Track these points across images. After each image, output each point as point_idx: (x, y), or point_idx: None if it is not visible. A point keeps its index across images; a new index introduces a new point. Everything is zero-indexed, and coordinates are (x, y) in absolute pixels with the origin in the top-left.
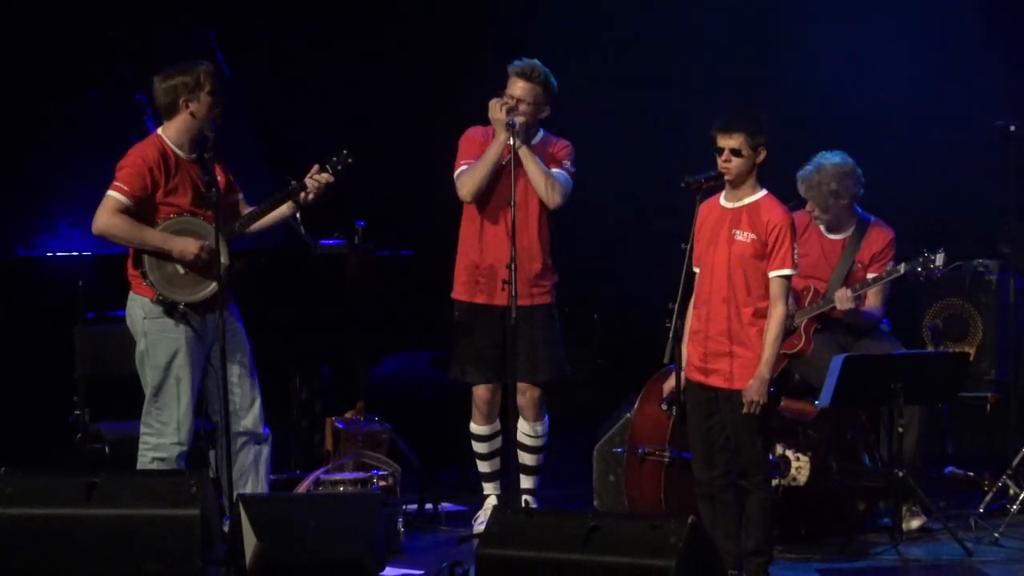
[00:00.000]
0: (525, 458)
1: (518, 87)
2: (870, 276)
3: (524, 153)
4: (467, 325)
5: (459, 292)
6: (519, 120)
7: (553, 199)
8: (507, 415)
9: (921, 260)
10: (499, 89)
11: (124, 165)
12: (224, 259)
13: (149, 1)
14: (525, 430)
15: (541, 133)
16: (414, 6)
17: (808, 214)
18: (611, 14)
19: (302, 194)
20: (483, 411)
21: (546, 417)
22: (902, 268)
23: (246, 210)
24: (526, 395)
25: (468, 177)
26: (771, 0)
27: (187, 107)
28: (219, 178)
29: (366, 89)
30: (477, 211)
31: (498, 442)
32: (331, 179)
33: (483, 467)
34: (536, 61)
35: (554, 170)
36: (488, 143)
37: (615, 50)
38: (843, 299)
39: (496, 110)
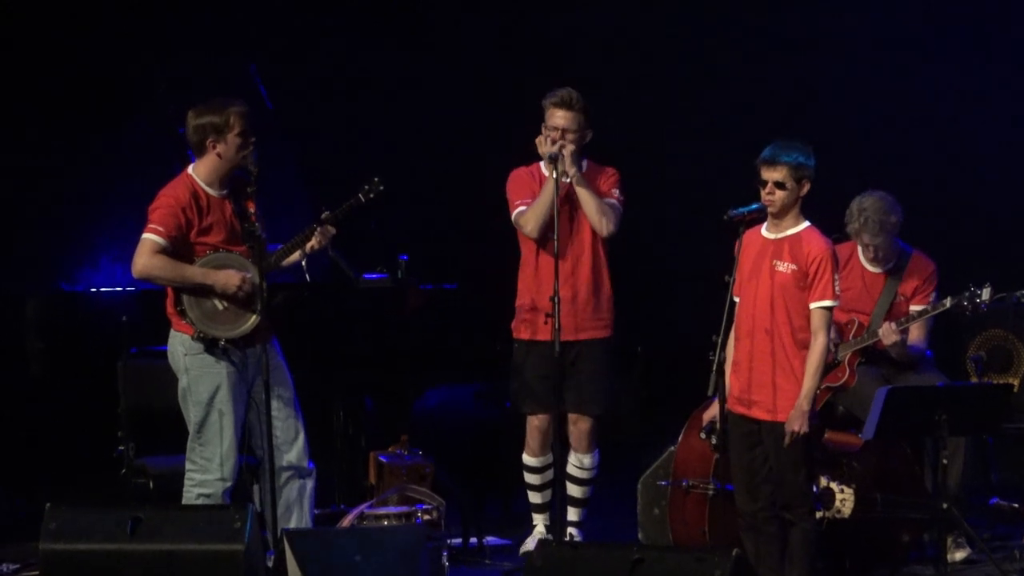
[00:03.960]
0: (573, 490)
1: (559, 117)
2: (915, 309)
3: (577, 183)
4: (525, 360)
5: (517, 329)
6: (566, 150)
7: (607, 228)
8: (558, 447)
9: (967, 295)
10: (540, 124)
11: (157, 207)
12: (263, 291)
13: (192, 33)
14: (575, 462)
15: (585, 162)
16: (461, 40)
17: (852, 245)
18: (657, 47)
19: (308, 244)
20: (536, 442)
21: (596, 450)
22: (947, 303)
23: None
24: (577, 426)
25: (531, 214)
26: (814, 33)
27: (214, 148)
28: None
29: (410, 122)
30: (532, 249)
31: (550, 474)
32: (333, 231)
33: (534, 498)
34: (570, 89)
35: (606, 200)
36: (534, 180)
37: (663, 82)
38: (888, 333)
39: (547, 144)
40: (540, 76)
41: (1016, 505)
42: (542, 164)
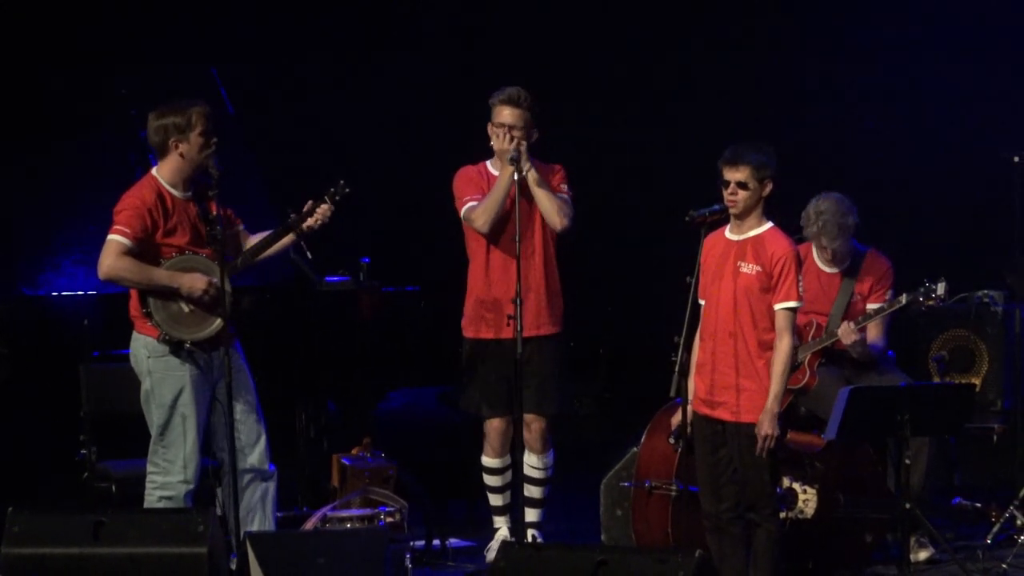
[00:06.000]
0: (531, 491)
1: (506, 114)
2: (871, 307)
3: (532, 180)
4: (477, 360)
5: (468, 328)
6: (521, 147)
7: (562, 223)
8: (516, 448)
9: (923, 290)
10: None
11: (122, 208)
12: (228, 294)
13: (154, 37)
14: (532, 463)
15: (530, 160)
16: (420, 42)
17: (808, 246)
18: (617, 50)
19: (303, 225)
20: (495, 444)
21: (552, 450)
22: (904, 299)
23: (248, 240)
24: (532, 427)
25: (482, 209)
26: (771, 35)
27: (177, 148)
28: (217, 214)
29: (371, 124)
30: (483, 246)
31: (509, 475)
32: (332, 208)
33: (495, 500)
34: (518, 87)
35: (558, 195)
36: (483, 178)
37: (621, 84)
38: (847, 333)
39: (503, 141)
40: (505, 76)
41: (979, 505)
42: (489, 163)
